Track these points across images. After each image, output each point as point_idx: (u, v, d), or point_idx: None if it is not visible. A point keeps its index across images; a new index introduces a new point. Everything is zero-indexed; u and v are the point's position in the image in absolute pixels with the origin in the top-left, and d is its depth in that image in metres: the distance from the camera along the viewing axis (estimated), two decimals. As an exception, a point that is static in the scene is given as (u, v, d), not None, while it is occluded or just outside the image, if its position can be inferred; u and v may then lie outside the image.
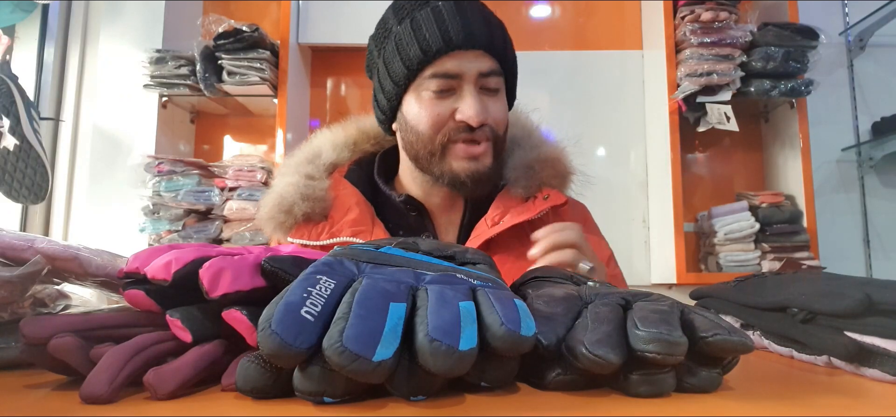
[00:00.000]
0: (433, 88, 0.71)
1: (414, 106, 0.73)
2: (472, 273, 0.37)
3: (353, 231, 0.73)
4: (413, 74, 0.71)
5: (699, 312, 0.33)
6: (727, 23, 1.73)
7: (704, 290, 0.61)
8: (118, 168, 1.84)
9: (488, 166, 0.73)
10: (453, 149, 0.72)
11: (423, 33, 0.70)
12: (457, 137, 0.72)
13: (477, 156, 0.72)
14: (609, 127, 2.03)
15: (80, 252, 0.42)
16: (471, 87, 0.71)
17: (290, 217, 0.75)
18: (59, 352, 0.30)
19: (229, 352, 0.33)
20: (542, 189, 0.77)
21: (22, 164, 1.35)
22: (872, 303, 0.38)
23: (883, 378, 0.37)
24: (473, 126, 0.70)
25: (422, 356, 0.27)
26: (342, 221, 0.75)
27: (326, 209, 0.76)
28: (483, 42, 0.71)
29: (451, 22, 0.69)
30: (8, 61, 1.47)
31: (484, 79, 0.72)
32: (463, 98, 0.71)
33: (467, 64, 0.70)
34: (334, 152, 0.82)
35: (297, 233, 0.75)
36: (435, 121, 0.71)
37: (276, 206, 0.76)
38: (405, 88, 0.73)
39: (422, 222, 0.79)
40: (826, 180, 1.96)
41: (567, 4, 2.11)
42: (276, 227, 0.77)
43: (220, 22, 1.75)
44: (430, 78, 0.70)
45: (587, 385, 0.32)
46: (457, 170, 0.72)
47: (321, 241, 0.74)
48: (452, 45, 0.69)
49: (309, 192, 0.76)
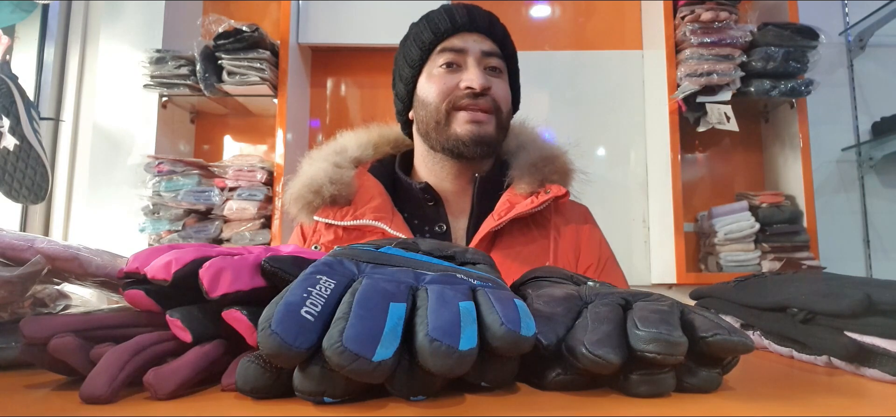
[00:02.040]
0: (442, 62, 0.81)
1: (425, 83, 0.82)
2: (472, 273, 0.37)
3: (375, 216, 0.80)
4: (426, 54, 0.82)
5: (699, 312, 0.33)
6: (727, 23, 1.73)
7: (704, 290, 0.61)
8: (118, 168, 1.84)
9: (490, 134, 0.81)
10: (458, 115, 0.80)
11: (434, 21, 0.82)
12: (461, 104, 0.80)
13: (480, 121, 0.80)
14: (609, 127, 2.03)
15: (80, 252, 0.42)
16: (474, 60, 0.80)
17: (318, 197, 0.82)
18: (59, 352, 0.30)
19: (229, 352, 0.33)
20: (545, 185, 0.82)
21: (22, 164, 1.35)
22: (872, 303, 0.38)
23: (883, 378, 0.37)
24: (476, 90, 0.78)
25: (422, 356, 0.27)
26: (365, 207, 0.81)
27: (351, 196, 0.82)
28: (484, 27, 0.82)
29: (457, 11, 0.82)
30: (8, 61, 1.47)
31: (487, 58, 0.81)
32: (467, 70, 0.80)
33: (471, 42, 0.81)
34: (359, 150, 0.89)
35: (323, 213, 0.81)
36: (442, 90, 0.80)
37: (306, 186, 0.82)
38: (419, 70, 0.83)
39: (437, 212, 0.84)
40: (826, 180, 1.96)
41: (567, 4, 2.11)
42: (303, 206, 0.83)
43: (220, 22, 1.75)
44: (439, 53, 0.81)
45: (587, 385, 0.32)
46: (461, 134, 0.79)
47: (345, 221, 0.80)
48: (458, 26, 0.81)
49: (336, 177, 0.82)
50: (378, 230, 0.78)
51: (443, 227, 0.84)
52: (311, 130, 2.09)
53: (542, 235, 0.83)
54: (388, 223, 0.79)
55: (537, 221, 0.83)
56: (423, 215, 0.84)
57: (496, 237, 0.80)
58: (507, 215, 0.78)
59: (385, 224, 0.78)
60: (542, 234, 0.83)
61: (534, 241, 0.81)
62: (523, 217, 0.80)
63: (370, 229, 0.79)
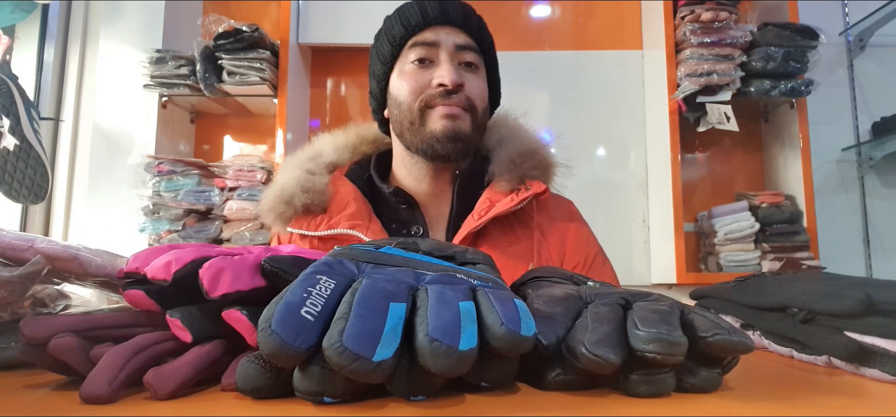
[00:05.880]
0: (413, 58, 0.78)
1: (397, 81, 0.79)
2: (472, 273, 0.37)
3: (350, 224, 0.77)
4: (397, 49, 0.79)
5: (699, 312, 0.33)
6: (727, 23, 1.73)
7: (704, 290, 0.61)
8: (118, 168, 1.84)
9: (466, 132, 0.78)
10: (431, 113, 0.77)
11: (405, 15, 0.79)
12: (434, 102, 0.77)
13: (455, 116, 0.76)
14: (609, 127, 2.03)
15: (80, 252, 0.42)
16: (447, 56, 0.77)
17: (289, 208, 0.79)
18: (59, 352, 0.30)
19: (229, 352, 0.33)
20: (525, 181, 0.79)
21: (22, 164, 1.35)
22: (872, 303, 0.38)
23: (883, 378, 0.37)
24: (449, 86, 0.75)
25: (422, 356, 0.27)
26: (340, 214, 0.78)
27: (325, 203, 0.80)
28: (458, 20, 0.79)
29: (429, 4, 0.78)
30: (8, 61, 1.47)
31: (460, 52, 0.78)
32: (440, 66, 0.77)
33: (444, 35, 0.78)
34: (335, 153, 0.86)
35: (296, 224, 0.79)
36: (414, 87, 0.77)
37: (277, 197, 0.80)
38: (391, 66, 0.80)
39: (412, 215, 0.82)
40: (826, 180, 1.96)
41: (567, 4, 2.11)
42: (276, 217, 0.80)
43: (220, 22, 1.75)
44: (410, 48, 0.78)
45: (587, 385, 0.32)
46: (435, 131, 0.76)
47: (319, 232, 0.77)
48: (429, 20, 0.78)
49: (309, 185, 0.80)
50: (353, 238, 0.75)
51: (419, 230, 0.81)
52: (312, 130, 2.09)
53: (526, 234, 0.80)
54: (364, 231, 0.76)
55: (520, 219, 0.80)
56: (399, 218, 0.82)
57: (478, 237, 0.77)
58: (487, 214, 0.75)
59: (360, 232, 0.76)
60: (525, 233, 0.80)
61: (517, 241, 0.79)
62: (505, 216, 0.77)
63: (346, 237, 0.75)
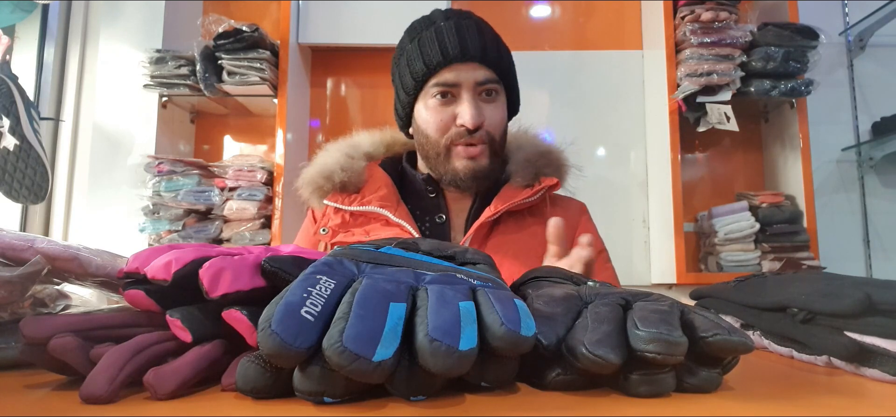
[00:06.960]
0: (436, 93, 0.83)
1: (422, 112, 0.85)
2: (472, 273, 0.37)
3: (380, 204, 0.85)
4: (419, 85, 0.84)
5: (699, 312, 0.33)
6: (727, 23, 1.73)
7: (704, 290, 0.61)
8: (118, 168, 1.84)
9: (485, 166, 0.85)
10: (455, 151, 0.84)
11: (426, 50, 0.83)
12: (458, 141, 0.83)
13: (475, 156, 0.84)
14: (609, 127, 2.03)
15: (80, 252, 0.42)
16: (469, 94, 0.82)
17: (328, 183, 0.88)
18: (59, 352, 0.30)
19: (229, 352, 0.33)
20: (539, 177, 0.87)
21: (22, 164, 1.35)
22: (872, 303, 0.38)
23: (883, 378, 0.37)
24: (471, 129, 0.81)
25: (422, 356, 0.27)
26: (372, 195, 0.87)
27: (360, 184, 0.88)
28: (477, 55, 0.82)
29: (449, 40, 0.82)
30: (8, 61, 1.46)
31: (481, 87, 0.83)
32: (462, 104, 0.82)
33: (464, 74, 0.82)
34: (372, 146, 0.95)
35: (332, 198, 0.87)
36: (439, 125, 0.84)
37: (319, 172, 0.89)
38: (415, 97, 0.86)
39: (438, 203, 0.89)
40: (826, 180, 1.96)
41: (567, 4, 2.11)
42: (314, 190, 0.89)
43: (220, 22, 1.75)
44: (433, 86, 0.83)
45: (587, 385, 0.32)
46: (458, 168, 0.84)
47: (353, 207, 0.86)
48: (449, 59, 0.81)
49: (347, 165, 0.89)
50: (382, 217, 0.84)
51: (442, 217, 0.88)
52: (311, 130, 2.09)
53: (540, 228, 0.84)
54: (392, 211, 0.84)
55: (533, 213, 0.88)
56: (424, 205, 0.89)
57: (493, 228, 0.85)
58: (503, 205, 0.83)
59: (389, 212, 0.84)
60: (538, 227, 0.84)
61: (530, 234, 0.85)
62: (520, 210, 0.85)
63: (375, 215, 0.85)
